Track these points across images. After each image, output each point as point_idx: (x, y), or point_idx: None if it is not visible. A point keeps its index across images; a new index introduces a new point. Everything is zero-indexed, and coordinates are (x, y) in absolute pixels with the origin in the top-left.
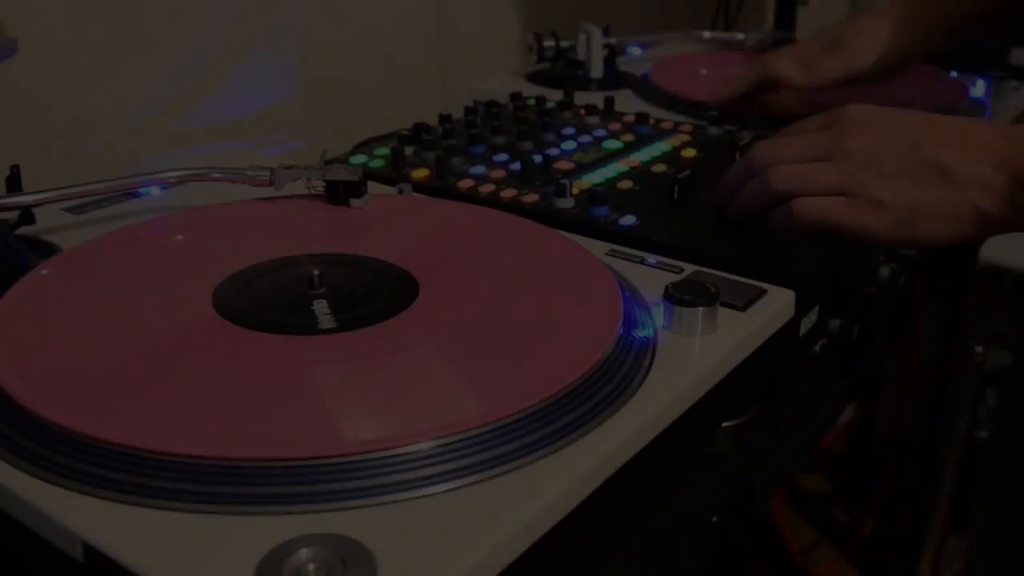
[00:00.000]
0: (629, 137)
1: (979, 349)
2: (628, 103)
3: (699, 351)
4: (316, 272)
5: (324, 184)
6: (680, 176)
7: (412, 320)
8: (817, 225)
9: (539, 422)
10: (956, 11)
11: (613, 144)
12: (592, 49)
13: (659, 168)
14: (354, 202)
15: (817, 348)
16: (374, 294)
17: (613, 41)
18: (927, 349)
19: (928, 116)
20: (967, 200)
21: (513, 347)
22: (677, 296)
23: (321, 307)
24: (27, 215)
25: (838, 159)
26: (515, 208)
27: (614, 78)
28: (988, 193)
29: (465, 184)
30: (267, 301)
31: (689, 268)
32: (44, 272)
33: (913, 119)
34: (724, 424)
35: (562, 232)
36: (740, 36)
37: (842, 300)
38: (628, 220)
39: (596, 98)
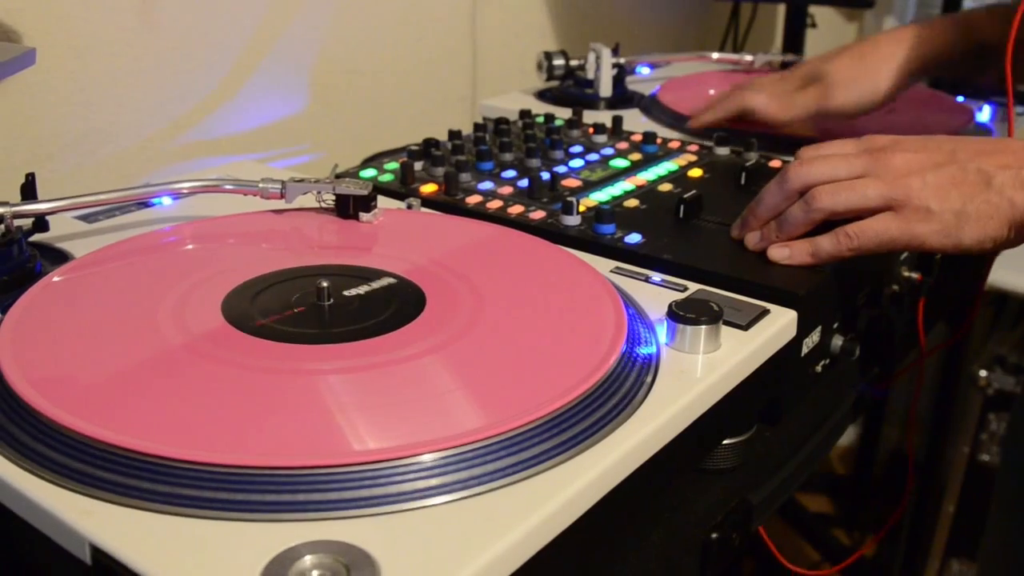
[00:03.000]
0: (636, 156)
1: (982, 373)
2: (636, 122)
3: (701, 369)
4: (325, 284)
5: (334, 198)
6: (686, 196)
7: (418, 333)
8: (873, 247)
9: (542, 436)
10: (932, 51)
11: (620, 163)
12: (601, 68)
13: (665, 187)
14: (363, 216)
15: (819, 368)
16: (381, 307)
17: (622, 61)
18: (930, 372)
19: (953, 136)
20: (1009, 200)
21: (517, 361)
22: (680, 314)
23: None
24: (41, 222)
25: (880, 174)
26: (522, 224)
27: (623, 97)
28: None
29: (473, 200)
30: (276, 311)
31: (693, 287)
32: (57, 279)
33: (942, 137)
34: (725, 441)
35: (568, 249)
36: (749, 58)
37: (845, 321)
38: (633, 238)
39: (604, 117)
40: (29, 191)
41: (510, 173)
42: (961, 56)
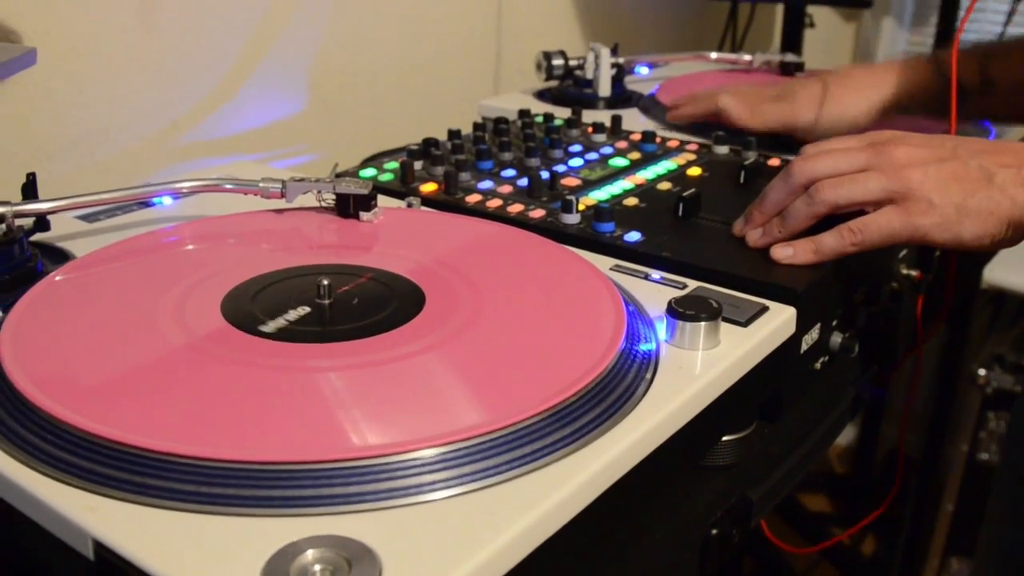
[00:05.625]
0: (635, 155)
1: (981, 371)
2: (635, 122)
3: (700, 365)
4: (325, 282)
5: (334, 197)
6: (685, 194)
7: (419, 330)
8: (876, 241)
9: (542, 432)
10: (904, 88)
11: (619, 162)
12: (600, 68)
13: (664, 186)
14: (364, 215)
15: (818, 365)
16: (382, 304)
17: (621, 60)
18: (929, 371)
19: (956, 136)
20: (1009, 197)
21: (518, 358)
22: (680, 311)
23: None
24: (42, 222)
25: (883, 168)
26: (522, 223)
27: (622, 97)
28: None
29: (473, 199)
30: (276, 309)
31: (692, 284)
32: (58, 278)
33: (945, 135)
34: (724, 438)
35: (567, 247)
36: (747, 57)
37: (844, 319)
38: (633, 236)
39: (603, 116)
40: (30, 191)
41: (509, 172)
42: (935, 94)
